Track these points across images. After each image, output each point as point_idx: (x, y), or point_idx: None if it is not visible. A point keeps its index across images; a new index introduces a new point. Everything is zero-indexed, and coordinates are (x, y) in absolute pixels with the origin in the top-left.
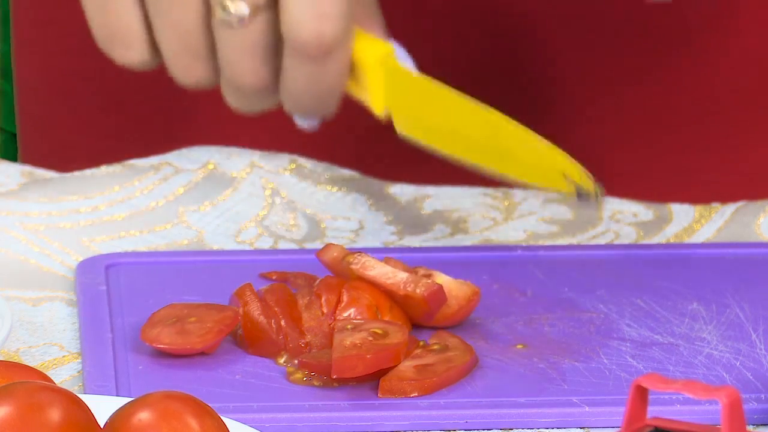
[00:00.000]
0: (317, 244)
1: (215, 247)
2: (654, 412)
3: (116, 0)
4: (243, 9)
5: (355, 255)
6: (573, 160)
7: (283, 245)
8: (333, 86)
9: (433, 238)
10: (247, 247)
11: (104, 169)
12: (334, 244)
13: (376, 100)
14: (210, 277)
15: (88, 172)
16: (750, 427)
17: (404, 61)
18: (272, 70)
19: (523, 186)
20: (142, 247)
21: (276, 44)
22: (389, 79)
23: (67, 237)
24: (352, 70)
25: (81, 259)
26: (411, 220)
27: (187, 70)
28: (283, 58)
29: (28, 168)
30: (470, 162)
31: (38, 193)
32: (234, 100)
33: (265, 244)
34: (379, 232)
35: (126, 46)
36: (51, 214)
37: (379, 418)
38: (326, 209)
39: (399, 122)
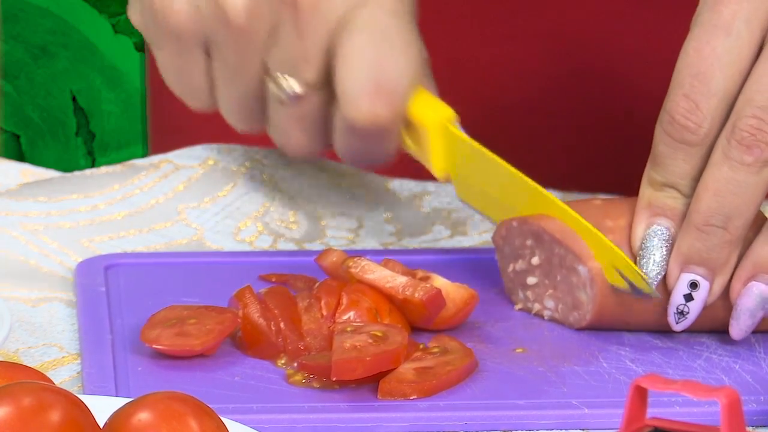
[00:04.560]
0: (317, 245)
1: (214, 247)
2: (653, 413)
3: (190, 67)
4: (296, 87)
5: (354, 259)
6: (624, 254)
7: (282, 244)
8: (386, 153)
9: (433, 239)
10: (246, 246)
11: (104, 169)
12: (333, 249)
13: (437, 164)
14: (210, 278)
15: (87, 171)
16: (750, 429)
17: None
18: (322, 141)
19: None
20: (141, 247)
21: (328, 118)
22: (450, 145)
23: (67, 237)
24: (411, 128)
25: (80, 259)
26: (410, 218)
27: (241, 124)
28: (335, 128)
29: (27, 167)
30: None
31: (38, 193)
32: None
33: (265, 243)
34: (379, 231)
35: (195, 99)
36: (50, 213)
37: (378, 420)
38: (326, 205)
39: (458, 187)
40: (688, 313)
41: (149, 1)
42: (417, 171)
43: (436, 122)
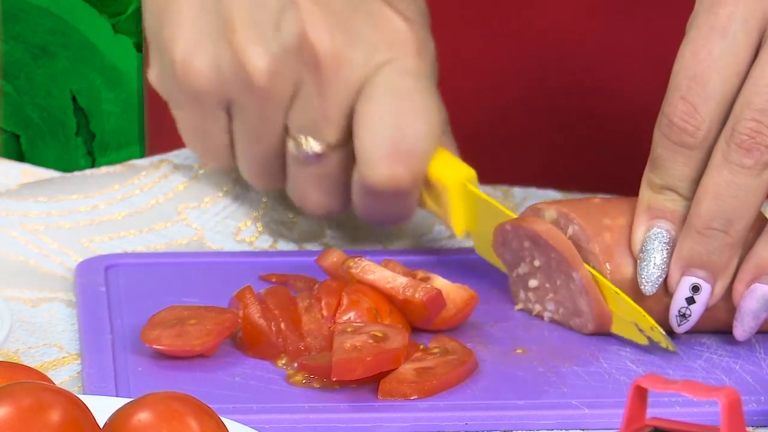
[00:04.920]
0: (317, 245)
1: (215, 247)
2: (654, 413)
3: (210, 127)
4: (316, 147)
5: (355, 259)
6: (643, 311)
7: (282, 244)
8: (406, 213)
9: (433, 239)
10: (246, 247)
11: (104, 169)
12: (333, 250)
13: (457, 222)
14: (210, 278)
15: (87, 171)
16: (750, 429)
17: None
18: (342, 201)
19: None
20: (141, 247)
21: (348, 178)
22: (469, 203)
23: (67, 237)
24: (430, 188)
25: (80, 259)
26: (411, 220)
27: (261, 183)
28: (354, 188)
29: (27, 167)
30: None
31: (38, 193)
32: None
33: (265, 243)
34: (379, 232)
35: (215, 158)
36: (50, 213)
37: (378, 420)
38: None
39: (477, 243)
40: (689, 315)
41: (169, 60)
42: None
43: (455, 182)
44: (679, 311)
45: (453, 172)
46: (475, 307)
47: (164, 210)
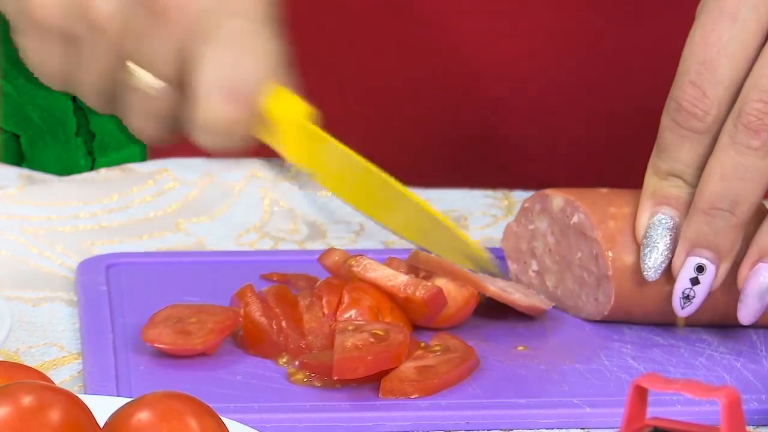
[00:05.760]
0: (318, 245)
1: (215, 249)
2: (654, 412)
3: (47, 49)
4: (152, 82)
5: (357, 258)
6: (473, 240)
7: (283, 246)
8: (241, 147)
9: None
10: (247, 248)
11: (103, 173)
12: (335, 249)
13: (293, 158)
14: (211, 277)
15: (87, 175)
16: (750, 428)
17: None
18: (174, 132)
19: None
20: (141, 250)
21: (181, 113)
22: (310, 141)
23: (68, 240)
24: (266, 125)
25: (81, 260)
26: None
27: (99, 109)
28: (191, 125)
29: (26, 171)
30: (376, 222)
31: (37, 197)
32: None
33: (266, 246)
34: (380, 232)
35: (53, 82)
36: (50, 218)
37: (380, 419)
38: (326, 215)
39: (321, 179)
40: (693, 297)
41: None
42: (418, 178)
43: (290, 119)
44: (683, 293)
45: (289, 110)
46: (475, 306)
47: (163, 222)
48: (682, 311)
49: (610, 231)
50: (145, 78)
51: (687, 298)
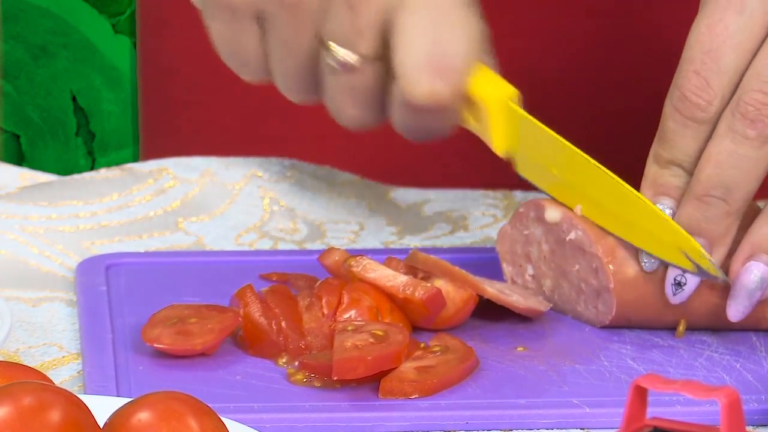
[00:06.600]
0: (318, 245)
1: (215, 249)
2: (654, 412)
3: (242, 34)
4: (350, 57)
5: (356, 258)
6: (692, 238)
7: (283, 246)
8: (445, 128)
9: (434, 236)
10: (246, 248)
11: (103, 173)
12: (335, 248)
13: (497, 141)
14: (210, 278)
15: (87, 175)
16: (750, 428)
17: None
18: (378, 115)
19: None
20: (141, 250)
21: (385, 92)
22: (511, 122)
23: (67, 240)
24: (470, 105)
25: (81, 260)
26: (411, 221)
27: (296, 96)
28: (392, 103)
29: (26, 171)
30: (584, 216)
31: (38, 197)
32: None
33: (265, 246)
34: (379, 232)
35: (248, 71)
36: (51, 217)
37: (379, 419)
38: (326, 215)
39: (520, 165)
40: (685, 284)
41: None
42: (417, 178)
43: (496, 99)
44: (675, 279)
45: (494, 90)
46: (474, 306)
47: (163, 221)
48: (674, 298)
49: (610, 245)
50: (344, 55)
51: (679, 284)
